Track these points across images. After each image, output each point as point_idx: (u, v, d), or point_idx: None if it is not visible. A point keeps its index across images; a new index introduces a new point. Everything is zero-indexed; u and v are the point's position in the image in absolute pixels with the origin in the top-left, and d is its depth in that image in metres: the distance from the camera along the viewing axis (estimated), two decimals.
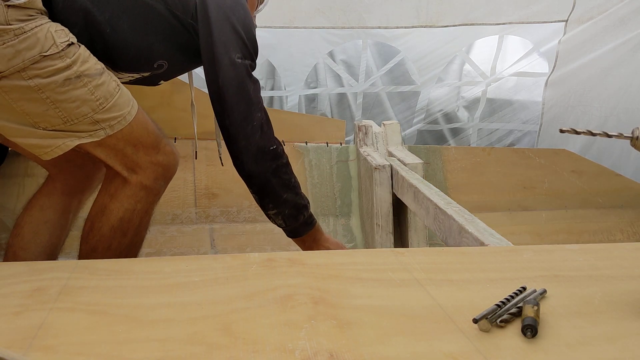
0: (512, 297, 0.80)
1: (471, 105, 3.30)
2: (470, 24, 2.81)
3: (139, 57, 1.21)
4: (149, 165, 1.19)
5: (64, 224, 1.37)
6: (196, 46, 1.22)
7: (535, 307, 0.75)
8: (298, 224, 1.32)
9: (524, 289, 0.83)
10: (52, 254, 1.36)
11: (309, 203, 1.34)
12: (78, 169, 1.32)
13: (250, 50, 1.24)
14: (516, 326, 0.74)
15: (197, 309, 0.77)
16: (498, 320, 0.74)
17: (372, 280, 0.89)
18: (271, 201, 1.27)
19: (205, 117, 2.35)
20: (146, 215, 1.24)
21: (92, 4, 1.11)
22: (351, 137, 2.86)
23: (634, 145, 0.85)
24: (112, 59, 1.19)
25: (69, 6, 1.10)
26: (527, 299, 0.77)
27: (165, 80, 1.35)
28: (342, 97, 3.23)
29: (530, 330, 0.71)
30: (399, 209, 2.14)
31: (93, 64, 1.11)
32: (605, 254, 1.04)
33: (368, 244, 2.18)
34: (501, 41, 3.07)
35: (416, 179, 1.89)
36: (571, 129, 0.87)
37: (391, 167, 2.06)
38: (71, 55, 1.06)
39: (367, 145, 2.27)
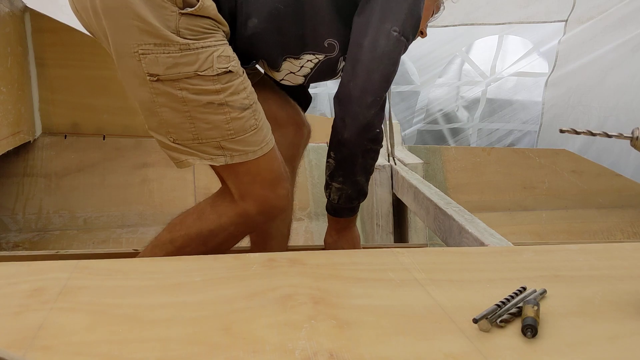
0: (512, 297, 0.80)
1: (471, 105, 3.31)
2: (470, 24, 2.81)
3: (314, 33, 1.21)
4: (259, 198, 1.19)
5: None
6: None
7: (535, 307, 0.75)
8: (347, 207, 1.32)
9: (524, 289, 0.83)
10: (288, 226, 1.47)
11: (364, 198, 1.34)
12: (285, 129, 1.36)
13: (409, 32, 1.21)
14: (516, 326, 0.74)
15: (197, 309, 0.77)
16: (498, 320, 0.74)
17: (372, 280, 0.89)
18: (343, 175, 1.26)
19: None
20: (232, 240, 1.25)
21: None
22: None
23: (634, 145, 0.85)
24: (294, 33, 1.20)
25: None
26: (527, 299, 0.77)
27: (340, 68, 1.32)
28: None
29: (530, 330, 0.71)
30: (399, 209, 2.14)
31: (241, 98, 1.12)
32: (605, 254, 1.04)
33: (368, 244, 2.18)
34: (501, 41, 3.08)
35: (416, 179, 1.89)
36: (571, 129, 0.87)
37: (391, 167, 2.06)
38: (223, 82, 1.09)
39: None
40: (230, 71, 1.10)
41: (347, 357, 0.66)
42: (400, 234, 2.19)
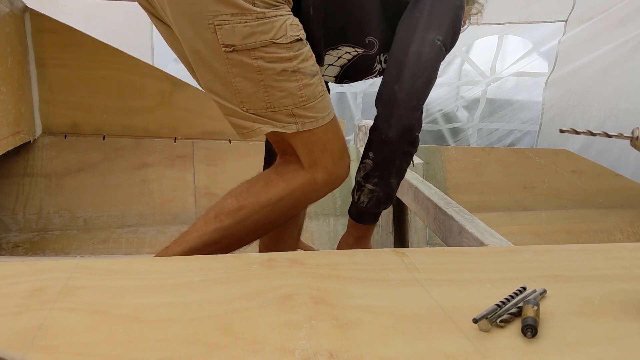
0: (512, 297, 0.80)
1: (471, 105, 3.31)
2: (470, 24, 2.80)
3: (357, 28, 1.26)
4: (327, 168, 1.24)
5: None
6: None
7: (535, 307, 0.75)
8: (373, 212, 1.35)
9: (524, 289, 0.83)
10: (299, 229, 1.50)
11: (389, 205, 1.36)
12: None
13: (449, 41, 1.27)
14: (516, 326, 0.74)
15: (197, 309, 0.77)
16: (498, 320, 0.74)
17: (372, 280, 0.89)
18: (379, 176, 1.29)
19: (207, 117, 2.37)
20: (296, 209, 1.29)
21: None
22: (351, 137, 2.86)
23: (634, 145, 0.85)
24: (336, 26, 1.25)
25: None
26: (527, 299, 0.78)
27: (378, 64, 1.36)
28: (341, 96, 3.23)
29: (530, 330, 0.71)
30: (399, 209, 2.14)
31: (310, 65, 1.17)
32: (605, 254, 1.04)
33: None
34: (501, 41, 3.08)
35: (416, 179, 1.89)
36: (571, 129, 0.87)
37: None
38: (296, 49, 1.13)
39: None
40: (300, 39, 1.14)
41: (347, 357, 0.66)
42: (400, 234, 2.19)
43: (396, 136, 1.23)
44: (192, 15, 1.09)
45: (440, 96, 3.28)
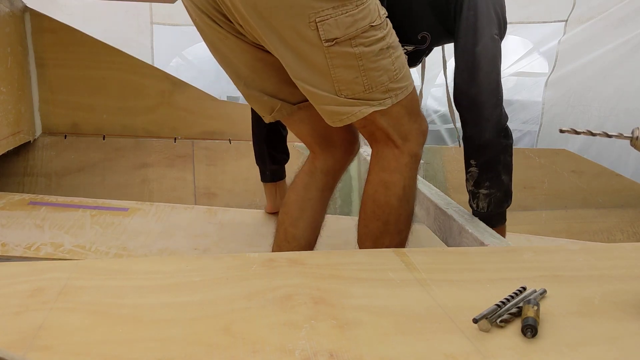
0: (512, 297, 0.80)
1: None
2: None
3: (409, 27, 1.30)
4: (417, 132, 1.26)
5: (325, 201, 1.47)
6: (451, 23, 1.31)
7: (535, 307, 0.75)
8: (498, 211, 1.37)
9: (524, 289, 0.83)
10: (315, 230, 1.46)
11: (511, 197, 1.38)
12: (336, 149, 1.42)
13: (503, 32, 1.33)
14: (516, 326, 0.74)
15: (197, 309, 0.77)
16: (498, 320, 0.74)
17: (372, 280, 0.89)
18: (489, 178, 1.32)
19: (207, 117, 2.37)
20: (416, 181, 1.32)
21: None
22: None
23: (634, 145, 0.85)
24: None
25: None
26: (527, 299, 0.77)
27: (424, 56, 1.43)
28: None
29: (530, 330, 0.71)
30: None
31: (395, 36, 1.20)
32: (605, 254, 1.04)
33: None
34: None
35: None
36: (571, 129, 0.87)
37: None
38: (386, 26, 1.16)
39: (367, 145, 2.27)
40: (387, 15, 1.17)
41: (347, 357, 0.66)
42: None
43: (491, 136, 1.27)
44: (289, 17, 1.10)
45: (440, 96, 3.28)
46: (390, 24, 1.19)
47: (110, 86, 2.28)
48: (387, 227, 1.28)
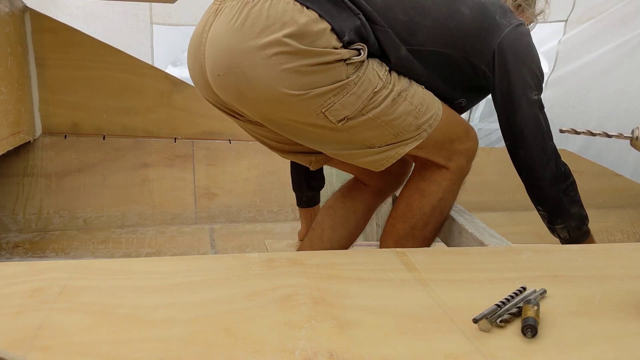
0: (512, 297, 0.80)
1: None
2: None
3: (449, 98, 1.32)
4: (463, 151, 1.30)
5: (367, 218, 1.53)
6: (484, 85, 1.33)
7: (535, 307, 0.75)
8: (580, 233, 1.40)
9: (524, 289, 0.83)
10: (350, 242, 1.51)
11: (587, 215, 1.42)
12: (386, 174, 1.43)
13: (541, 84, 1.33)
14: (516, 326, 0.74)
15: (197, 309, 0.77)
16: (498, 320, 0.74)
17: (372, 280, 0.89)
18: (560, 217, 1.35)
19: (206, 117, 2.37)
20: (456, 195, 1.35)
21: (406, 60, 1.22)
22: None
23: (633, 145, 0.85)
24: None
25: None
26: (527, 299, 0.77)
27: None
28: None
29: (530, 330, 0.71)
30: None
31: (402, 79, 1.22)
32: (605, 254, 1.04)
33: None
34: None
35: None
36: (571, 129, 0.87)
37: None
38: (390, 81, 1.18)
39: None
40: (388, 69, 1.19)
41: (347, 357, 0.66)
42: None
43: (550, 190, 1.31)
44: (299, 116, 1.14)
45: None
46: (394, 74, 1.20)
47: (110, 86, 2.27)
48: (413, 232, 1.31)
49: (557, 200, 1.33)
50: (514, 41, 1.28)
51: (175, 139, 2.35)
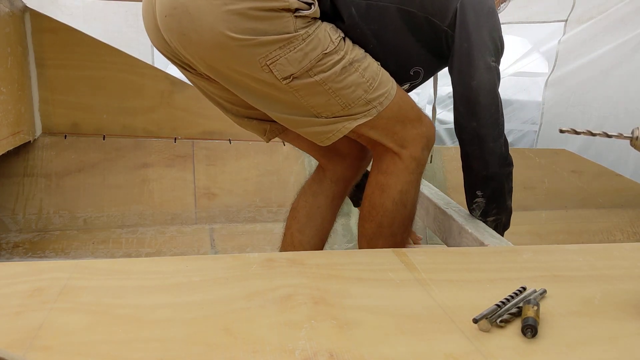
0: (512, 297, 0.80)
1: None
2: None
3: (399, 67, 1.28)
4: (416, 137, 1.26)
5: (334, 209, 1.48)
6: (444, 51, 1.29)
7: (535, 307, 0.75)
8: (503, 232, 1.38)
9: (524, 289, 0.83)
10: (323, 238, 1.47)
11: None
12: (343, 159, 1.42)
13: (500, 55, 1.31)
14: (516, 326, 0.74)
15: (197, 309, 0.77)
16: (498, 320, 0.74)
17: (372, 280, 0.89)
18: (497, 206, 1.33)
19: (206, 117, 2.37)
20: (417, 186, 1.31)
21: (360, 19, 1.19)
22: None
23: (633, 145, 0.85)
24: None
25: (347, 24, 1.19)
26: (527, 299, 0.78)
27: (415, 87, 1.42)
28: None
29: (531, 330, 0.72)
30: None
31: (357, 49, 1.19)
32: (605, 254, 1.04)
33: None
34: None
35: None
36: (571, 129, 0.87)
37: None
38: (343, 47, 1.16)
39: None
40: (343, 37, 1.17)
41: (347, 357, 0.66)
42: None
43: (497, 168, 1.28)
44: (241, 66, 1.11)
45: (440, 96, 3.27)
46: (348, 43, 1.18)
47: (110, 86, 2.27)
48: (380, 230, 1.28)
49: (500, 184, 1.30)
50: (477, 3, 1.25)
51: (175, 139, 2.35)
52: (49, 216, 2.19)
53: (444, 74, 1.41)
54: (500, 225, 1.36)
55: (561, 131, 0.88)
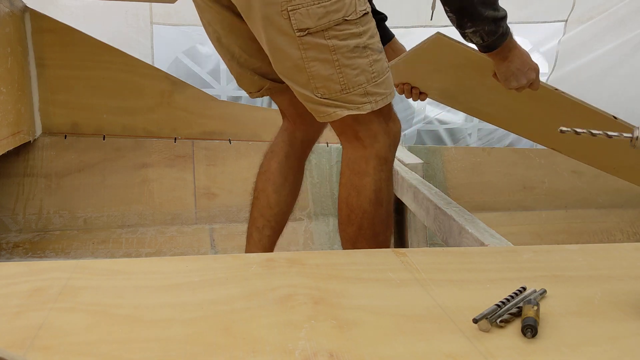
0: (512, 297, 0.80)
1: None
2: None
3: None
4: (384, 134, 1.26)
5: (303, 170, 1.55)
6: None
7: (535, 307, 0.75)
8: (495, 37, 1.29)
9: (524, 289, 0.83)
10: (295, 196, 1.53)
11: (506, 13, 1.29)
12: (315, 120, 1.42)
13: None
14: (516, 326, 0.74)
15: (197, 309, 0.77)
16: (498, 320, 0.74)
17: (372, 280, 0.89)
18: (470, 20, 1.25)
19: (207, 117, 2.37)
20: (390, 183, 1.31)
21: None
22: None
23: (634, 145, 0.85)
24: None
25: None
26: (527, 299, 0.78)
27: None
28: None
29: (530, 330, 0.71)
30: (399, 209, 2.14)
31: (377, 40, 1.20)
32: (605, 254, 1.04)
33: None
34: None
35: (416, 179, 1.89)
36: (571, 129, 0.87)
37: None
38: (364, 23, 1.16)
39: None
40: (367, 12, 1.16)
41: (347, 357, 0.66)
42: (400, 234, 2.19)
43: None
44: (264, 5, 1.11)
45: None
46: (372, 24, 1.18)
47: (110, 86, 2.27)
48: (362, 232, 1.28)
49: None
50: None
51: (175, 139, 2.36)
52: (49, 216, 2.19)
53: None
54: (486, 32, 1.26)
55: (561, 131, 0.88)
